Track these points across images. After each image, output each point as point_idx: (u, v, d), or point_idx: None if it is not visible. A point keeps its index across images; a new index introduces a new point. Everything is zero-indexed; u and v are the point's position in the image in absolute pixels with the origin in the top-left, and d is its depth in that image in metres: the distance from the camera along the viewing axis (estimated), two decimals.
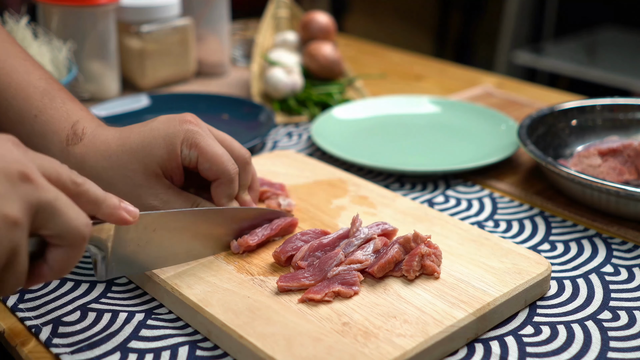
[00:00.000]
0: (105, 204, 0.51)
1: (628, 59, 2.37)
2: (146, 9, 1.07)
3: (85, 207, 0.50)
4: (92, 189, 0.50)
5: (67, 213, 0.46)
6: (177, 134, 0.63)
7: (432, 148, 0.93)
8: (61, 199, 0.46)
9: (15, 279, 0.46)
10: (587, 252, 0.70)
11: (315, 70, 1.11)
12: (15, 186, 0.44)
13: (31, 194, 0.44)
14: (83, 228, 0.47)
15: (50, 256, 0.47)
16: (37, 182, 0.45)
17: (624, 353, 0.55)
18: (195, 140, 0.63)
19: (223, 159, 0.63)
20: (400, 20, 3.17)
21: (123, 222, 0.52)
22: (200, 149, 0.63)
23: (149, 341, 0.56)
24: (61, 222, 0.46)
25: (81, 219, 0.47)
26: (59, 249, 0.47)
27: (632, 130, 0.90)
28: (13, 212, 0.43)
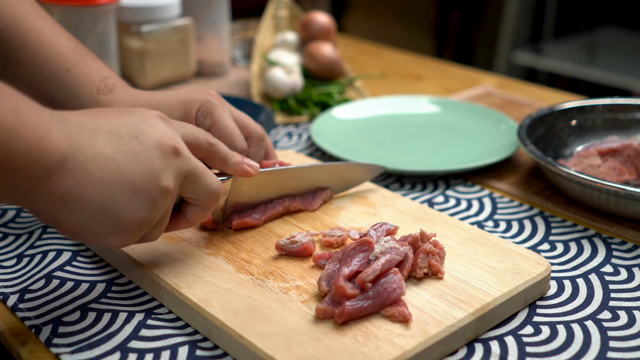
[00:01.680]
0: (232, 160, 0.62)
1: (628, 59, 2.37)
2: (146, 9, 1.07)
3: (217, 164, 0.61)
4: (222, 148, 0.60)
5: (205, 179, 0.57)
6: (197, 100, 0.68)
7: (432, 148, 0.93)
8: (199, 167, 0.56)
9: (160, 231, 0.57)
10: (586, 252, 0.70)
11: (315, 70, 1.11)
12: (170, 160, 0.53)
13: (181, 166, 0.54)
14: (216, 191, 0.58)
15: (188, 211, 0.59)
16: (185, 155, 0.55)
17: (624, 353, 0.55)
18: (211, 110, 0.67)
19: (233, 132, 0.68)
20: (400, 20, 3.17)
21: (246, 174, 0.63)
22: (214, 119, 0.67)
23: (149, 341, 0.56)
24: (200, 187, 0.57)
25: (215, 184, 0.58)
26: (196, 206, 0.59)
27: (632, 130, 0.90)
28: (169, 184, 0.53)
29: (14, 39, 0.68)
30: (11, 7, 0.68)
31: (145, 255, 0.63)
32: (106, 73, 0.70)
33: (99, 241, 0.52)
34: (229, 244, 0.66)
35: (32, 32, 0.68)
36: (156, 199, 0.53)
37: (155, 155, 0.53)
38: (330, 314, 0.54)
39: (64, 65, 0.69)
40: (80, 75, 0.69)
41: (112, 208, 0.51)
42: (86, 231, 0.51)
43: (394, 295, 0.55)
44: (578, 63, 2.36)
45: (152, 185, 0.52)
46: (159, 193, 0.52)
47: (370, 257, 0.58)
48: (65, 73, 0.68)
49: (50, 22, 0.70)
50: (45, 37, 0.69)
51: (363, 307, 0.54)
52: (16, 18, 0.68)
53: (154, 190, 0.52)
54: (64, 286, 0.63)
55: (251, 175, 0.63)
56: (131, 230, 0.52)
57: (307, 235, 0.64)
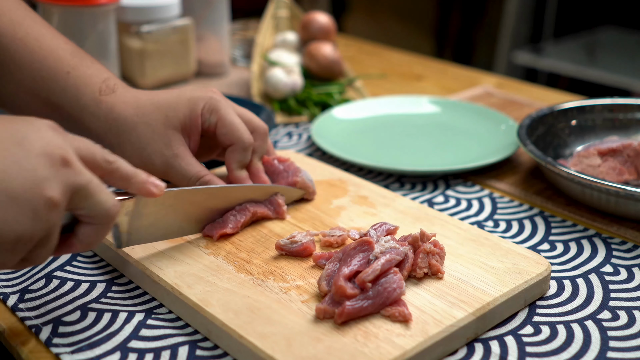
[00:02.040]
0: (135, 179, 0.56)
1: (628, 59, 2.37)
2: (146, 9, 1.07)
3: (117, 183, 0.55)
4: (123, 166, 0.55)
5: (99, 195, 0.51)
6: (201, 97, 0.68)
7: (432, 148, 0.93)
8: (94, 182, 0.50)
9: (46, 252, 0.50)
10: (586, 252, 0.70)
11: (315, 70, 1.11)
12: (58, 170, 0.48)
13: (70, 177, 0.49)
14: (112, 209, 0.52)
15: (80, 232, 0.53)
16: (75, 167, 0.49)
17: (624, 353, 0.55)
18: (217, 107, 0.68)
19: (240, 127, 0.68)
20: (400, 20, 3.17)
21: (150, 194, 0.57)
22: (220, 115, 0.68)
23: (149, 341, 0.56)
24: (93, 204, 0.51)
25: (111, 201, 0.52)
26: (89, 226, 0.52)
27: (631, 130, 0.90)
28: (55, 195, 0.47)
29: (12, 43, 0.68)
30: (7, 13, 0.69)
31: (145, 256, 0.63)
32: (106, 74, 0.70)
33: None
34: (229, 244, 0.66)
35: (29, 36, 0.69)
36: (38, 211, 0.47)
37: (40, 163, 0.47)
38: (330, 313, 0.54)
39: (64, 68, 0.69)
40: (81, 77, 0.69)
41: None
42: None
43: (394, 295, 0.55)
44: (578, 63, 2.36)
45: (34, 194, 0.46)
46: (42, 204, 0.47)
47: (370, 257, 0.58)
48: (65, 76, 0.68)
49: (47, 26, 0.71)
50: (44, 41, 0.69)
51: (363, 307, 0.55)
52: (13, 23, 0.68)
53: (36, 200, 0.46)
54: (64, 286, 0.63)
55: (155, 196, 0.57)
56: (7, 246, 0.46)
57: (307, 235, 0.64)
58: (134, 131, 0.68)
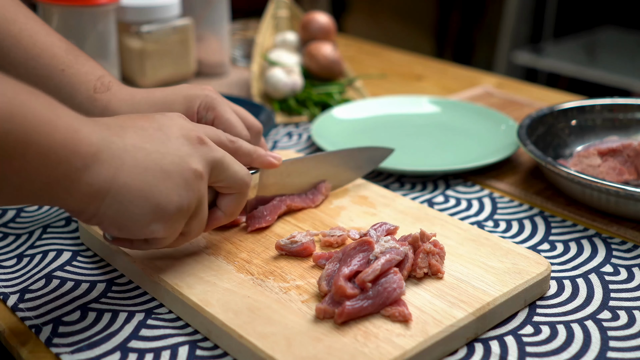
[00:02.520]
0: (256, 154, 0.65)
1: (628, 59, 2.37)
2: (146, 9, 1.07)
3: (241, 159, 0.63)
4: (244, 144, 0.64)
5: (234, 167, 0.59)
6: (197, 95, 0.69)
7: (432, 148, 0.93)
8: (227, 156, 0.59)
9: (200, 225, 0.58)
10: (586, 252, 0.70)
11: (315, 70, 1.11)
12: (196, 148, 0.56)
13: (208, 153, 0.57)
14: (247, 177, 0.60)
15: (222, 203, 0.61)
16: (210, 144, 0.57)
17: (624, 353, 0.55)
18: (213, 104, 0.69)
19: (236, 124, 0.70)
20: (400, 20, 3.17)
21: (271, 165, 0.66)
22: (217, 112, 0.69)
23: (149, 341, 0.56)
24: (230, 175, 0.59)
25: (244, 171, 0.60)
26: (229, 196, 0.61)
27: (631, 130, 0.90)
28: (199, 167, 0.56)
29: (6, 40, 0.68)
30: (1, 9, 0.68)
31: (146, 256, 0.63)
32: (101, 72, 0.70)
33: (144, 232, 0.54)
34: (229, 243, 0.66)
35: (23, 33, 0.68)
36: (189, 182, 0.55)
37: (181, 143, 0.56)
38: (330, 313, 0.54)
39: (58, 66, 0.69)
40: (76, 75, 0.69)
41: (149, 192, 0.53)
42: (129, 221, 0.53)
43: (394, 295, 0.55)
44: (578, 63, 2.36)
45: (183, 168, 0.54)
46: (191, 175, 0.55)
47: (370, 257, 0.58)
48: (60, 73, 0.68)
49: (41, 23, 0.70)
50: (38, 38, 0.69)
51: (363, 307, 0.55)
52: (6, 20, 0.68)
53: (185, 173, 0.54)
54: (64, 286, 0.63)
55: (276, 166, 0.66)
56: (171, 216, 0.54)
57: (307, 235, 0.64)
58: None
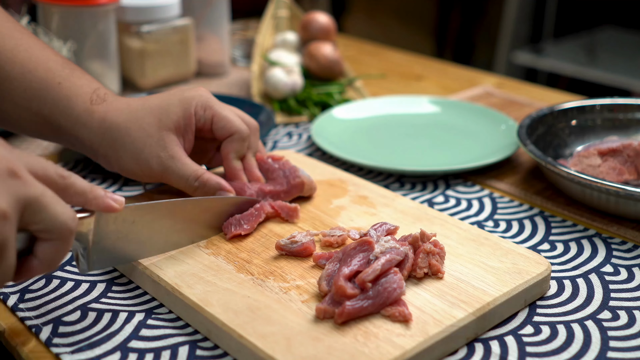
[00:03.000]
0: (92, 194, 0.53)
1: (628, 59, 2.37)
2: (146, 9, 1.07)
3: (73, 199, 0.52)
4: (78, 181, 0.52)
5: (54, 208, 0.48)
6: (192, 97, 0.69)
7: (432, 148, 0.93)
8: (47, 194, 0.48)
9: (3, 273, 0.47)
10: (586, 252, 0.70)
11: (315, 70, 1.11)
12: (4, 182, 0.45)
13: (19, 189, 0.46)
14: (70, 222, 0.49)
15: (39, 250, 0.49)
16: (25, 178, 0.47)
17: (624, 353, 0.55)
18: (210, 103, 0.69)
19: (235, 118, 0.69)
20: (400, 20, 3.17)
21: (110, 209, 0.55)
22: (215, 110, 0.69)
23: (149, 341, 0.56)
24: (48, 217, 0.48)
25: (67, 213, 0.49)
26: (47, 242, 0.49)
27: (632, 130, 0.90)
28: (2, 206, 0.45)
29: (1, 54, 0.68)
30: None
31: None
32: (96, 85, 0.70)
33: None
34: (229, 244, 0.66)
35: (19, 47, 0.68)
36: None
37: None
38: (331, 313, 0.54)
39: (55, 79, 0.68)
40: (72, 88, 0.69)
41: None
42: None
43: (394, 295, 0.55)
44: (578, 63, 2.36)
45: None
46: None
47: (370, 257, 0.58)
48: (57, 86, 0.68)
49: (35, 38, 0.71)
50: (33, 52, 0.69)
51: (363, 306, 0.55)
52: (1, 35, 0.68)
53: None
54: (64, 286, 0.63)
55: (116, 210, 0.55)
56: None
57: (307, 235, 0.64)
58: (128, 136, 0.67)
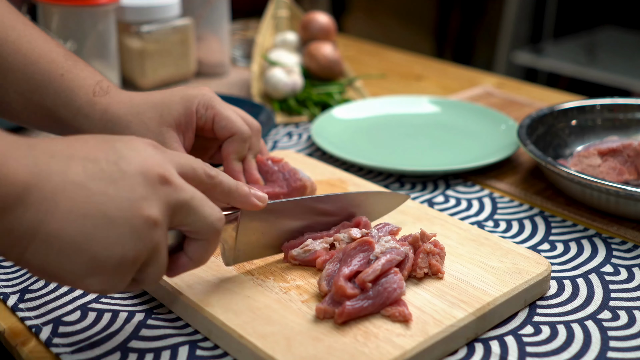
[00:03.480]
0: (237, 193, 0.56)
1: (628, 59, 2.37)
2: (146, 9, 1.07)
3: (219, 197, 0.54)
4: (225, 180, 0.54)
5: (202, 211, 0.50)
6: (195, 95, 0.69)
7: (432, 148, 0.93)
8: (196, 197, 0.50)
9: (157, 272, 0.49)
10: (586, 252, 0.70)
11: (315, 70, 1.11)
12: (156, 189, 0.47)
13: (170, 195, 0.48)
14: (217, 223, 0.51)
15: (188, 248, 0.52)
16: (175, 184, 0.48)
17: (624, 353, 0.55)
18: (212, 103, 0.69)
19: (237, 119, 0.69)
20: (400, 20, 3.17)
21: (254, 207, 0.57)
22: (217, 110, 0.69)
23: (149, 341, 0.56)
24: (197, 219, 0.50)
25: (215, 215, 0.51)
26: (197, 242, 0.52)
27: (632, 130, 0.90)
28: (154, 214, 0.46)
29: (4, 46, 0.68)
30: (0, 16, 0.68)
31: None
32: (99, 77, 0.70)
33: (78, 284, 0.46)
34: None
35: (22, 39, 0.68)
36: (139, 231, 0.46)
37: (137, 182, 0.46)
38: (331, 313, 0.54)
39: (57, 70, 0.69)
40: (75, 80, 0.69)
41: (84, 243, 0.44)
42: (60, 272, 0.45)
43: (394, 295, 0.55)
44: (578, 63, 2.36)
45: (132, 215, 0.45)
46: (141, 223, 0.46)
47: (371, 257, 0.58)
48: (60, 78, 0.68)
49: (38, 30, 0.71)
50: (37, 44, 0.69)
51: (363, 306, 0.54)
52: (4, 27, 0.68)
53: (134, 220, 0.45)
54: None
55: (259, 208, 0.57)
56: (111, 270, 0.45)
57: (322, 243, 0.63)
58: (127, 130, 0.67)
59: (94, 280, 0.46)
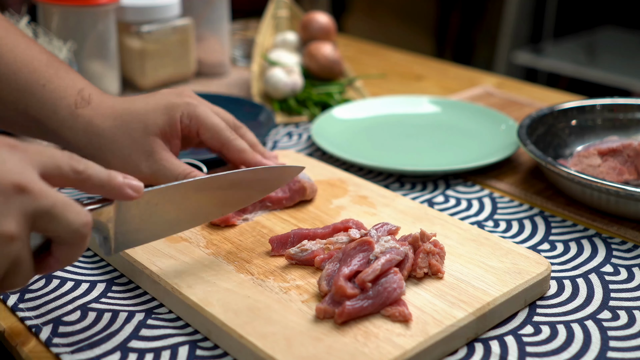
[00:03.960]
0: (109, 186, 0.52)
1: (628, 59, 2.37)
2: (146, 9, 1.07)
3: (91, 191, 0.51)
4: (94, 173, 0.51)
5: (66, 217, 0.47)
6: (177, 105, 0.68)
7: (432, 148, 0.93)
8: (58, 204, 0.46)
9: (21, 280, 0.47)
10: (586, 252, 0.70)
11: (315, 70, 1.11)
12: (10, 199, 0.44)
13: (28, 205, 0.45)
14: (82, 229, 0.48)
15: (55, 251, 0.49)
16: (34, 191, 0.45)
17: (624, 353, 0.55)
18: (195, 113, 0.68)
19: (221, 126, 0.69)
20: (400, 20, 3.17)
21: (128, 198, 0.53)
22: (200, 120, 0.68)
23: (149, 341, 0.56)
24: (61, 227, 0.47)
25: (80, 220, 0.48)
26: (63, 246, 0.49)
27: (632, 130, 0.90)
28: (9, 228, 0.44)
29: None
30: None
31: (145, 255, 0.63)
32: (81, 84, 0.70)
33: None
34: (229, 244, 0.66)
35: (3, 48, 0.68)
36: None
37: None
38: (331, 313, 0.54)
39: (39, 81, 0.68)
40: (57, 90, 0.68)
41: None
42: None
43: (394, 295, 0.55)
44: (578, 63, 2.36)
45: None
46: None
47: (370, 257, 0.58)
48: (41, 89, 0.68)
49: (21, 35, 0.70)
50: (18, 52, 0.68)
51: (363, 306, 0.55)
52: None
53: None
54: (64, 286, 0.63)
55: (134, 199, 0.54)
56: None
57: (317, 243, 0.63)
58: (115, 143, 0.68)
59: None
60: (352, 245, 0.60)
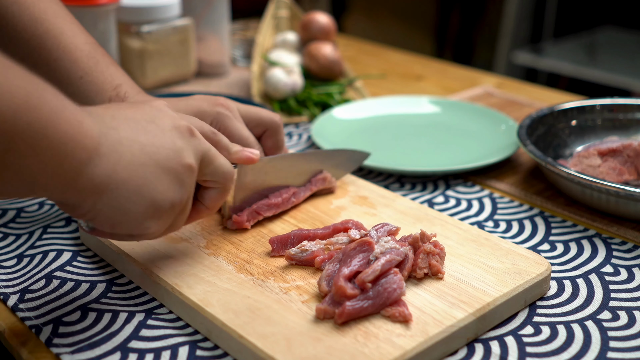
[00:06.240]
0: (234, 148, 0.63)
1: (628, 59, 2.37)
2: (146, 9, 1.07)
3: (220, 152, 0.60)
4: (223, 138, 0.62)
5: (218, 160, 0.58)
6: (208, 113, 0.68)
7: (432, 148, 0.93)
8: (212, 148, 0.57)
9: (184, 217, 0.57)
10: (586, 252, 0.70)
11: (315, 70, 1.11)
12: (188, 140, 0.55)
13: (197, 145, 0.56)
14: (230, 171, 0.59)
15: (205, 196, 0.59)
16: (198, 136, 0.56)
17: (624, 353, 0.55)
18: (225, 124, 0.68)
19: (249, 140, 0.70)
20: (400, 20, 3.17)
21: (249, 160, 0.64)
22: (229, 132, 0.68)
23: (149, 341, 0.56)
24: (215, 168, 0.58)
25: (228, 164, 0.59)
26: (212, 190, 0.59)
27: (632, 130, 0.90)
28: (191, 161, 0.55)
29: (32, 39, 0.67)
30: (30, 7, 0.68)
31: (146, 255, 0.63)
32: (119, 80, 0.70)
33: (137, 228, 0.53)
34: (229, 244, 0.66)
35: (49, 33, 0.68)
36: (183, 177, 0.54)
37: (175, 136, 0.54)
38: (331, 314, 0.54)
39: (77, 72, 0.68)
40: (93, 84, 0.68)
41: (146, 189, 0.51)
42: (124, 217, 0.52)
43: (394, 295, 0.55)
44: (578, 63, 2.36)
45: (178, 163, 0.53)
46: (184, 171, 0.54)
47: (370, 258, 0.58)
48: (78, 80, 0.68)
49: (69, 22, 0.70)
50: (62, 39, 0.68)
51: (363, 307, 0.55)
52: (35, 20, 0.68)
53: (180, 168, 0.53)
54: (64, 286, 0.63)
55: (254, 162, 0.64)
56: (165, 212, 0.53)
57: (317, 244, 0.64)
58: None
59: (151, 223, 0.53)
60: (352, 245, 0.60)
